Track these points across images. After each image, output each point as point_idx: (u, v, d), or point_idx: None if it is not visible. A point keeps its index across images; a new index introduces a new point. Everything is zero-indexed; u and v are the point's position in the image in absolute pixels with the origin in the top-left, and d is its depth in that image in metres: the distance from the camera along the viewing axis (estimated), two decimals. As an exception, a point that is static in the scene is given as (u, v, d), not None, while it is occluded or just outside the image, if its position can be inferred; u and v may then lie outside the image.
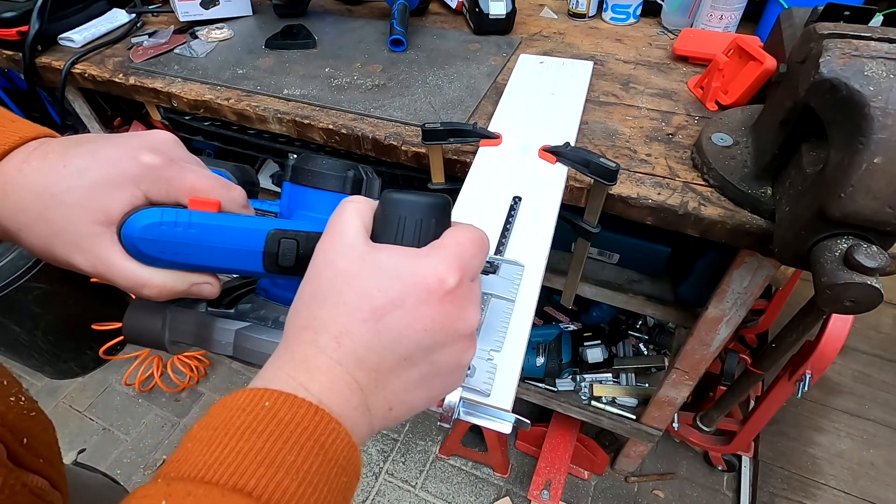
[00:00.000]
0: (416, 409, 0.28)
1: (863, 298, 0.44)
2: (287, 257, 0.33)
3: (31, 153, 0.31)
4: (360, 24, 1.03)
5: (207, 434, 0.22)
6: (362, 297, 0.25)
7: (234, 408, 0.23)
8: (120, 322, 0.36)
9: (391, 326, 0.25)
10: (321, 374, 0.25)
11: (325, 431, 0.23)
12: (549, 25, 1.01)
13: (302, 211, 0.38)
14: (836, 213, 0.44)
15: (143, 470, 1.43)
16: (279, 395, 0.23)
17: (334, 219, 0.28)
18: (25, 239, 0.31)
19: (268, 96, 0.82)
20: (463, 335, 0.27)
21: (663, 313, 0.88)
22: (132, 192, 0.31)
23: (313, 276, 0.28)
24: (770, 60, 0.68)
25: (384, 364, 0.26)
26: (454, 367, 0.28)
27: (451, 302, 0.26)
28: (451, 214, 0.30)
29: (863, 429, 1.43)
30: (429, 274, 0.26)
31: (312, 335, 0.26)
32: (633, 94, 0.79)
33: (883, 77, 0.42)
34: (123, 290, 0.32)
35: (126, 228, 0.31)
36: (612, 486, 1.37)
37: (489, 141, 0.63)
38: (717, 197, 0.61)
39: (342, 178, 0.37)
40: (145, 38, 0.97)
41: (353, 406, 0.25)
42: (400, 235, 0.27)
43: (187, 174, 0.33)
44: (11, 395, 0.30)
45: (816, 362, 0.87)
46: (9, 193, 0.30)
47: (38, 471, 0.31)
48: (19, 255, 1.31)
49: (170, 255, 0.32)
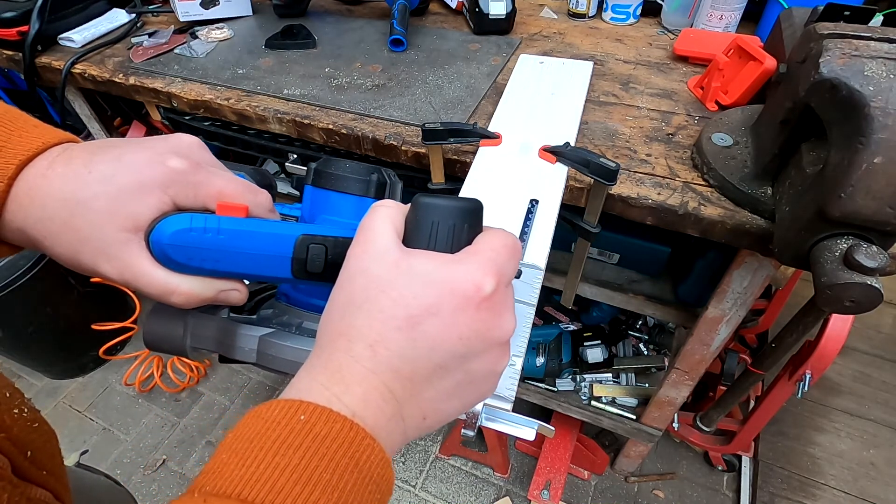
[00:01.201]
0: (449, 417, 0.28)
1: (863, 298, 0.44)
2: (316, 263, 0.32)
3: (55, 159, 0.30)
4: (360, 24, 1.03)
5: (242, 446, 0.22)
6: (397, 305, 0.25)
7: (269, 419, 0.23)
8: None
9: (426, 334, 0.25)
10: (356, 385, 0.24)
11: (360, 448, 0.23)
12: (549, 25, 1.01)
13: (325, 215, 0.37)
14: (836, 213, 0.44)
15: (143, 470, 1.43)
16: (314, 408, 0.23)
17: (365, 224, 0.28)
18: (51, 247, 0.30)
19: (268, 96, 0.82)
20: (498, 343, 0.27)
21: (663, 313, 0.88)
22: (159, 197, 0.30)
23: (346, 282, 0.27)
24: (770, 60, 0.68)
25: (419, 373, 0.25)
26: (488, 375, 0.28)
27: (487, 309, 0.26)
28: (483, 219, 0.29)
29: (863, 429, 1.43)
30: (465, 280, 0.25)
31: (347, 343, 0.25)
32: (633, 94, 0.79)
33: (883, 77, 0.42)
34: (151, 297, 0.32)
35: (155, 235, 0.30)
36: (612, 486, 1.37)
37: (489, 141, 0.63)
38: (717, 197, 0.61)
39: (366, 182, 0.37)
40: (145, 38, 0.97)
41: (388, 416, 0.25)
42: (433, 241, 0.27)
43: (215, 179, 0.32)
44: (15, 407, 0.30)
45: (816, 362, 0.87)
46: (33, 200, 0.29)
47: (42, 483, 0.30)
48: (19, 254, 1.31)
49: (198, 261, 0.31)
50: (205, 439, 1.49)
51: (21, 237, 0.30)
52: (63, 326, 1.50)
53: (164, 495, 1.38)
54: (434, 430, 0.29)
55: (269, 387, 1.61)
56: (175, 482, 1.41)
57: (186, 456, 1.46)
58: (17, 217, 0.29)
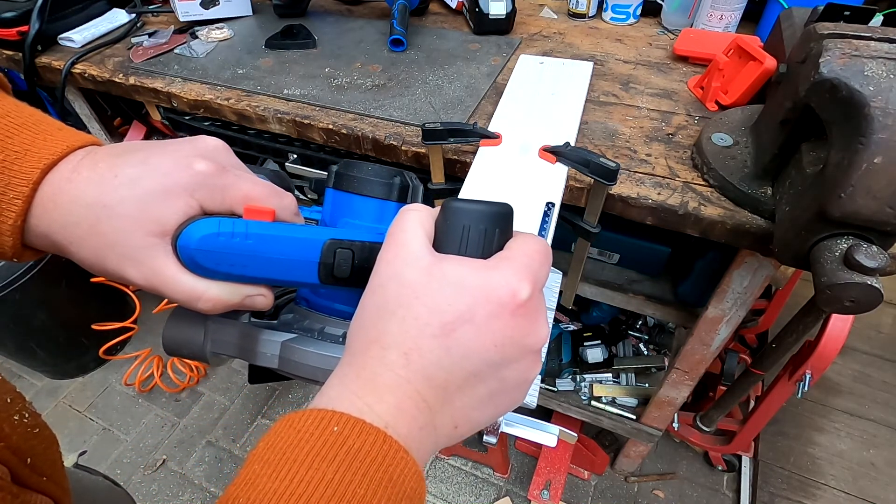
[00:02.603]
0: (480, 426, 0.28)
1: (863, 298, 0.44)
2: (343, 268, 0.32)
3: (80, 163, 0.30)
4: (360, 24, 1.03)
5: (275, 457, 0.22)
6: (431, 312, 0.24)
7: (302, 430, 0.22)
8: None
9: (461, 342, 0.24)
10: (389, 394, 0.24)
11: (394, 462, 0.22)
12: (549, 25, 1.01)
13: (347, 218, 0.36)
14: (836, 213, 0.44)
15: (143, 470, 1.43)
16: (347, 419, 0.22)
17: (396, 228, 0.27)
18: (76, 252, 0.30)
19: (268, 96, 0.82)
20: (532, 350, 0.26)
21: (663, 313, 0.88)
22: (186, 201, 0.30)
23: (377, 287, 0.26)
24: (770, 60, 0.68)
25: (452, 381, 0.25)
26: (521, 383, 0.27)
27: (522, 316, 0.25)
28: (513, 223, 0.28)
29: (863, 429, 1.43)
30: (500, 286, 0.25)
31: (380, 351, 0.25)
32: (633, 94, 0.79)
33: (883, 77, 0.42)
34: (177, 303, 0.31)
35: (182, 240, 0.30)
36: (612, 486, 1.37)
37: (489, 141, 0.63)
38: (717, 197, 0.61)
39: (389, 185, 0.36)
40: (145, 38, 0.97)
41: (420, 425, 0.24)
42: (464, 246, 0.26)
43: (241, 182, 0.32)
44: (15, 413, 0.29)
45: (816, 362, 0.87)
46: (58, 205, 0.29)
47: (43, 490, 0.30)
48: (19, 255, 1.31)
49: (226, 266, 0.31)
50: (205, 439, 1.49)
51: (46, 242, 0.30)
52: (63, 326, 1.50)
53: (164, 495, 1.38)
54: (464, 439, 0.29)
55: (268, 387, 1.61)
56: (175, 482, 1.41)
57: (186, 456, 1.46)
58: (42, 222, 0.29)
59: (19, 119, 0.30)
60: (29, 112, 0.31)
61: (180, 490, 1.39)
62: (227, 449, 1.47)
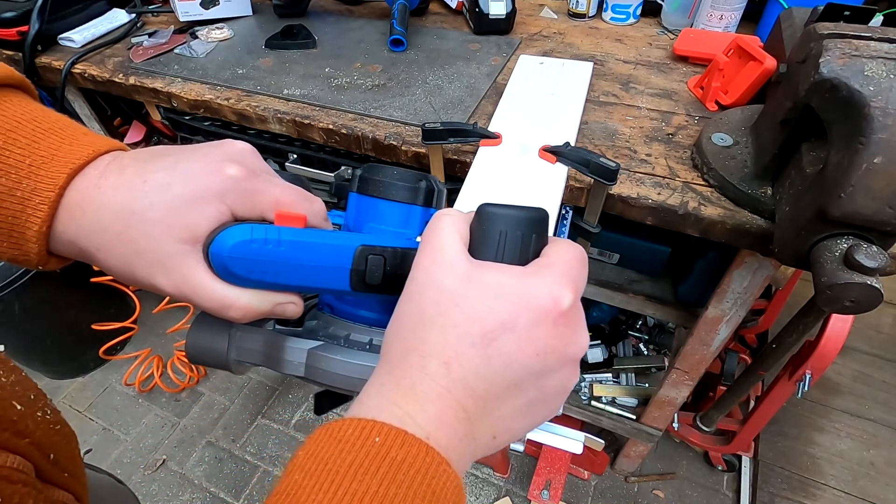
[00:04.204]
0: (517, 436, 0.27)
1: (863, 298, 0.44)
2: (374, 275, 0.31)
3: (107, 168, 0.29)
4: (360, 24, 1.03)
5: (317, 467, 0.21)
6: (472, 320, 0.24)
7: (344, 440, 0.22)
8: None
9: (502, 351, 0.24)
10: (430, 404, 0.23)
11: (437, 475, 0.22)
12: (549, 25, 1.01)
13: (372, 223, 0.35)
14: (836, 213, 0.44)
15: (143, 470, 1.43)
16: (389, 429, 0.22)
17: (431, 234, 0.27)
18: (104, 259, 0.29)
19: (268, 96, 0.82)
20: (573, 359, 0.26)
21: (663, 313, 0.88)
22: (217, 207, 0.29)
23: (415, 294, 0.26)
24: (770, 60, 0.68)
25: (492, 391, 0.24)
26: (559, 392, 0.26)
27: (564, 324, 0.25)
28: (549, 229, 0.28)
29: (863, 429, 1.43)
30: (542, 294, 0.24)
31: (419, 360, 0.24)
32: (633, 94, 0.79)
33: (883, 77, 0.42)
34: (207, 312, 0.31)
35: (214, 247, 0.29)
36: (612, 486, 1.37)
37: (489, 141, 0.63)
38: (717, 197, 0.61)
39: (415, 189, 0.35)
40: (145, 38, 0.97)
41: (460, 436, 0.24)
42: (501, 252, 0.26)
43: (272, 187, 0.31)
44: (38, 410, 0.29)
45: (816, 362, 0.87)
46: (87, 212, 0.28)
47: (64, 485, 0.30)
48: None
49: (259, 274, 0.30)
50: (205, 439, 1.49)
51: (72, 249, 0.30)
52: (63, 326, 1.50)
53: (164, 495, 1.38)
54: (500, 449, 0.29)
55: (268, 387, 1.61)
56: (175, 482, 1.41)
57: (186, 456, 1.46)
58: (70, 229, 0.29)
59: (45, 124, 0.30)
60: (55, 117, 0.31)
61: (180, 490, 1.39)
62: (227, 449, 1.47)
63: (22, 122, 0.29)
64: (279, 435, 1.50)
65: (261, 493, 1.37)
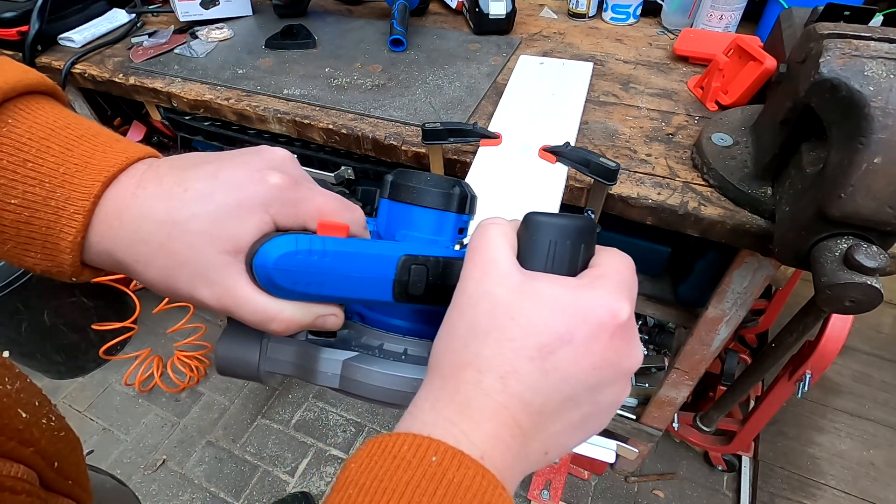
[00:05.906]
0: (568, 450, 0.27)
1: (863, 298, 0.44)
2: (418, 285, 0.30)
3: (143, 176, 0.28)
4: (360, 24, 1.03)
5: (372, 484, 0.21)
6: (528, 333, 0.23)
7: (399, 457, 0.21)
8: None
9: (559, 365, 0.23)
10: (485, 421, 0.23)
11: (492, 499, 0.21)
12: (549, 25, 1.01)
13: (405, 230, 0.35)
14: (836, 213, 0.44)
15: (143, 470, 1.43)
16: (446, 449, 0.22)
17: (479, 244, 0.26)
18: (143, 271, 0.28)
19: (268, 96, 0.82)
20: (627, 373, 0.25)
21: (663, 313, 0.88)
22: (261, 217, 0.28)
23: (466, 306, 0.25)
24: (770, 60, 0.68)
25: (548, 406, 0.24)
26: (612, 406, 0.26)
27: (620, 337, 0.24)
28: (596, 238, 0.27)
29: (863, 429, 1.43)
30: (599, 306, 0.24)
31: (475, 374, 0.24)
32: (633, 94, 0.79)
33: (883, 77, 0.42)
34: (250, 325, 0.30)
35: (259, 259, 0.28)
36: (612, 486, 1.37)
37: (489, 141, 0.63)
38: (717, 197, 0.61)
39: (448, 195, 0.34)
40: (145, 38, 0.97)
41: (514, 454, 0.23)
42: (550, 262, 0.25)
43: (314, 196, 0.30)
44: (43, 417, 0.29)
45: (816, 362, 0.87)
46: (124, 223, 0.27)
47: (68, 493, 0.29)
48: (19, 255, 1.31)
49: (303, 286, 0.29)
50: (205, 439, 1.49)
51: (108, 260, 0.29)
52: (63, 326, 1.50)
53: (164, 495, 1.38)
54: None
55: (268, 387, 1.61)
56: (175, 482, 1.41)
57: (186, 456, 1.46)
58: (106, 239, 0.28)
59: (78, 130, 0.29)
60: (87, 124, 0.30)
61: (180, 490, 1.39)
62: (227, 449, 1.47)
63: (55, 130, 0.28)
64: (279, 435, 1.50)
65: (261, 493, 1.37)
